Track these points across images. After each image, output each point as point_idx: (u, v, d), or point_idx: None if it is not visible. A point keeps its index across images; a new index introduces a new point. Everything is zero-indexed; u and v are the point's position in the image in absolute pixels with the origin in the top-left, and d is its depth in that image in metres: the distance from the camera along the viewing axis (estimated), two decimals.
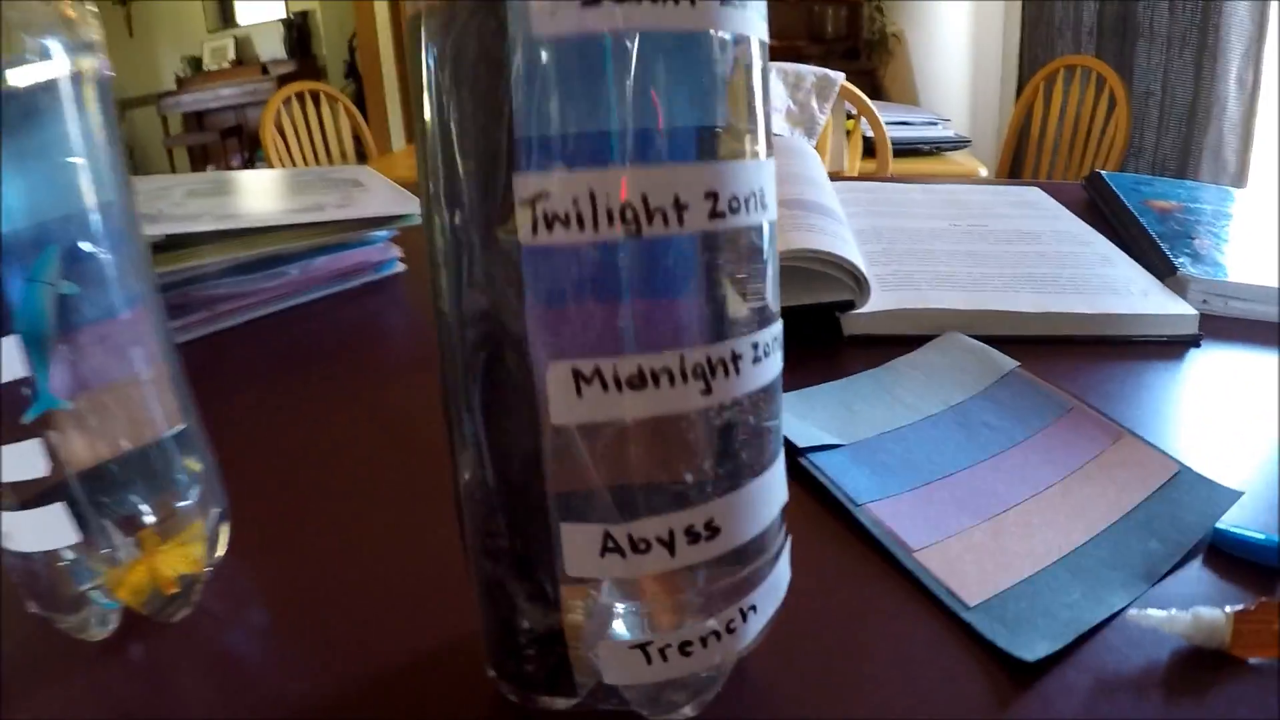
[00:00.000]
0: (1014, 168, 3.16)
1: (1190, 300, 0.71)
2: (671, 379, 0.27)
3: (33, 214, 0.34)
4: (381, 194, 0.91)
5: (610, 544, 0.29)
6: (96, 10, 0.35)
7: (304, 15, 8.38)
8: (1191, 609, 0.37)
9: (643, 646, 0.30)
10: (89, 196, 0.36)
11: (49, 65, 0.34)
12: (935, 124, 2.55)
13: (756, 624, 0.33)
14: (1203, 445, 0.53)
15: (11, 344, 0.34)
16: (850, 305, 0.64)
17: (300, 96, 3.47)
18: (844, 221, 0.72)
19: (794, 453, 0.50)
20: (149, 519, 0.40)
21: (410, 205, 0.86)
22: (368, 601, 0.43)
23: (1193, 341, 0.67)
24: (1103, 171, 1.04)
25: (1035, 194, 1.02)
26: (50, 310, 0.35)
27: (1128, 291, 0.70)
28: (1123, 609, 0.40)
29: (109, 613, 0.40)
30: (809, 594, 0.40)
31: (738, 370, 0.29)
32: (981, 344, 0.62)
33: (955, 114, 3.70)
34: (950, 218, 0.90)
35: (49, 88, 0.34)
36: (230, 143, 8.06)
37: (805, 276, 0.62)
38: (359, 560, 0.46)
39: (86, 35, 0.35)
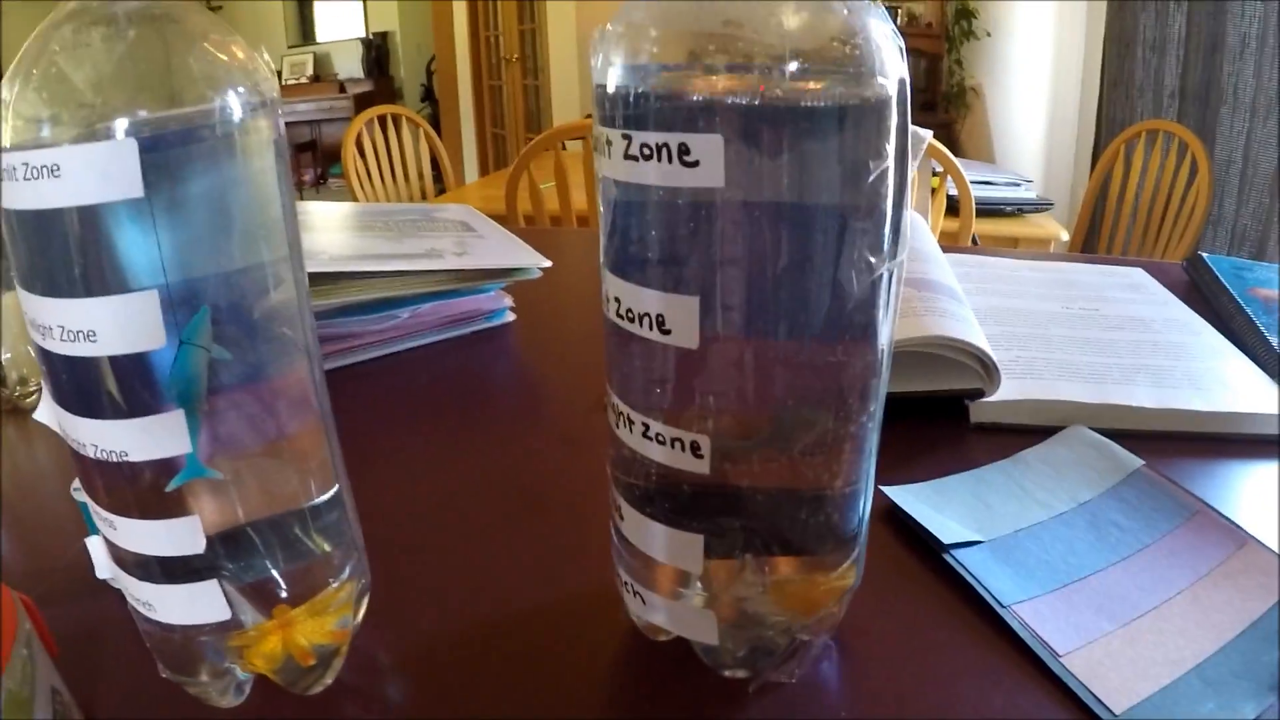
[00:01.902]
0: (1091, 231, 3.14)
1: None
2: None
3: (187, 269, 0.35)
4: (497, 242, 0.93)
5: None
6: (274, 66, 0.37)
7: (383, 35, 8.51)
8: None
9: None
10: (252, 254, 0.37)
11: (223, 117, 0.35)
12: (1018, 185, 2.55)
13: None
14: None
15: (176, 419, 0.35)
16: (979, 393, 0.66)
17: (382, 119, 3.53)
18: (965, 303, 0.74)
19: (938, 548, 0.51)
20: (286, 588, 0.41)
21: (529, 258, 0.88)
22: (506, 666, 0.45)
23: None
24: (1205, 255, 1.05)
25: (1140, 276, 1.03)
26: (201, 374, 0.35)
27: (1240, 388, 0.72)
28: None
29: (242, 681, 0.41)
30: (961, 696, 0.42)
31: None
32: (1105, 440, 0.63)
33: (1031, 172, 3.69)
34: (1062, 300, 0.91)
35: (223, 140, 0.35)
36: (304, 157, 8.18)
37: (936, 363, 0.64)
38: (492, 620, 0.48)
39: (265, 91, 0.36)
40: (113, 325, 0.33)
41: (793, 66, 0.31)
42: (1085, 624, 0.47)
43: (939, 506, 0.56)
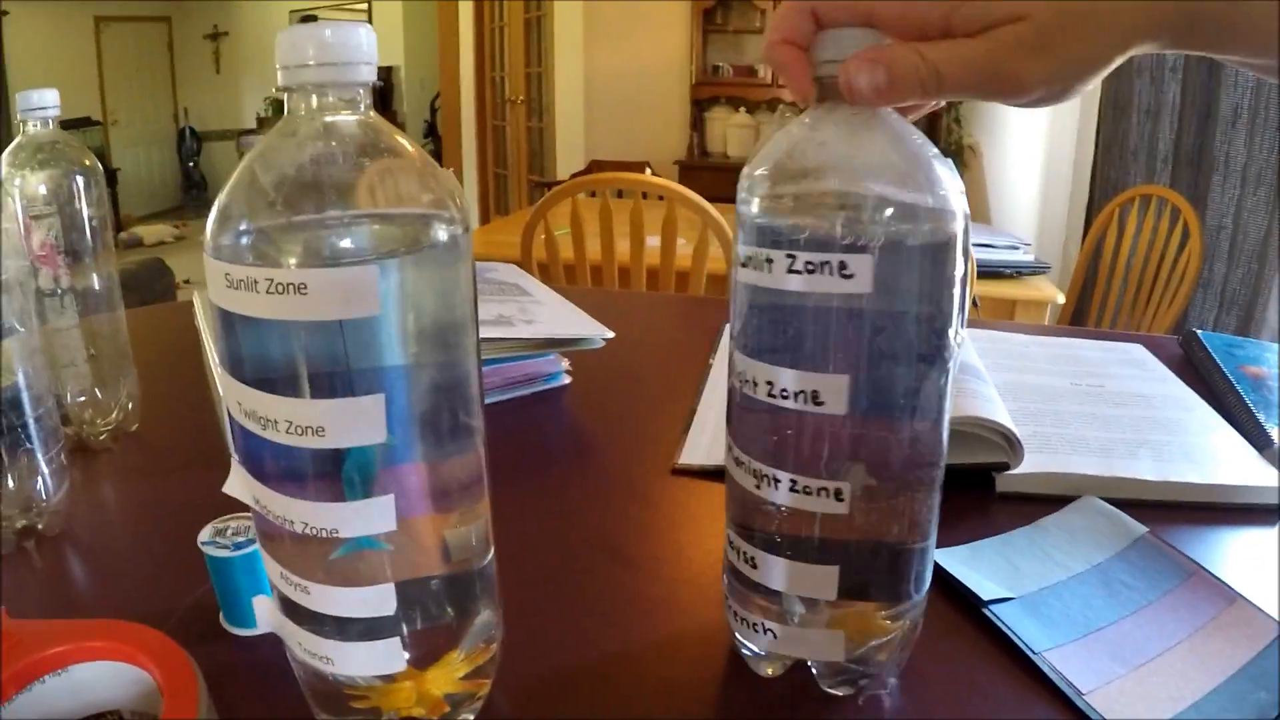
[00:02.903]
0: (1084, 293, 3.24)
1: None
2: None
3: (398, 343, 0.40)
4: (559, 311, 1.00)
5: None
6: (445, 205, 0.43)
7: (388, 70, 8.58)
8: None
9: None
10: (449, 352, 0.43)
11: (439, 239, 0.41)
12: (1017, 248, 2.64)
13: None
14: None
15: (385, 501, 0.41)
16: (1005, 466, 0.75)
17: None
18: (989, 381, 0.84)
19: (978, 604, 0.61)
20: (448, 640, 0.47)
21: (594, 329, 0.95)
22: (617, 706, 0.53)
23: None
24: (1200, 332, 1.15)
25: (1140, 352, 1.13)
26: (376, 457, 0.40)
27: (1231, 462, 0.82)
28: None
29: None
30: None
31: None
32: (1113, 509, 0.73)
33: (1025, 231, 3.78)
34: (1069, 376, 1.02)
35: (438, 259, 0.42)
36: None
37: (968, 439, 0.74)
38: (597, 667, 0.56)
39: (465, 216, 0.42)
40: (341, 424, 0.38)
41: (892, 213, 0.44)
42: (1103, 668, 0.56)
43: (975, 567, 0.65)
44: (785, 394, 0.46)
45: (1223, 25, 0.45)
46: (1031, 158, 4.02)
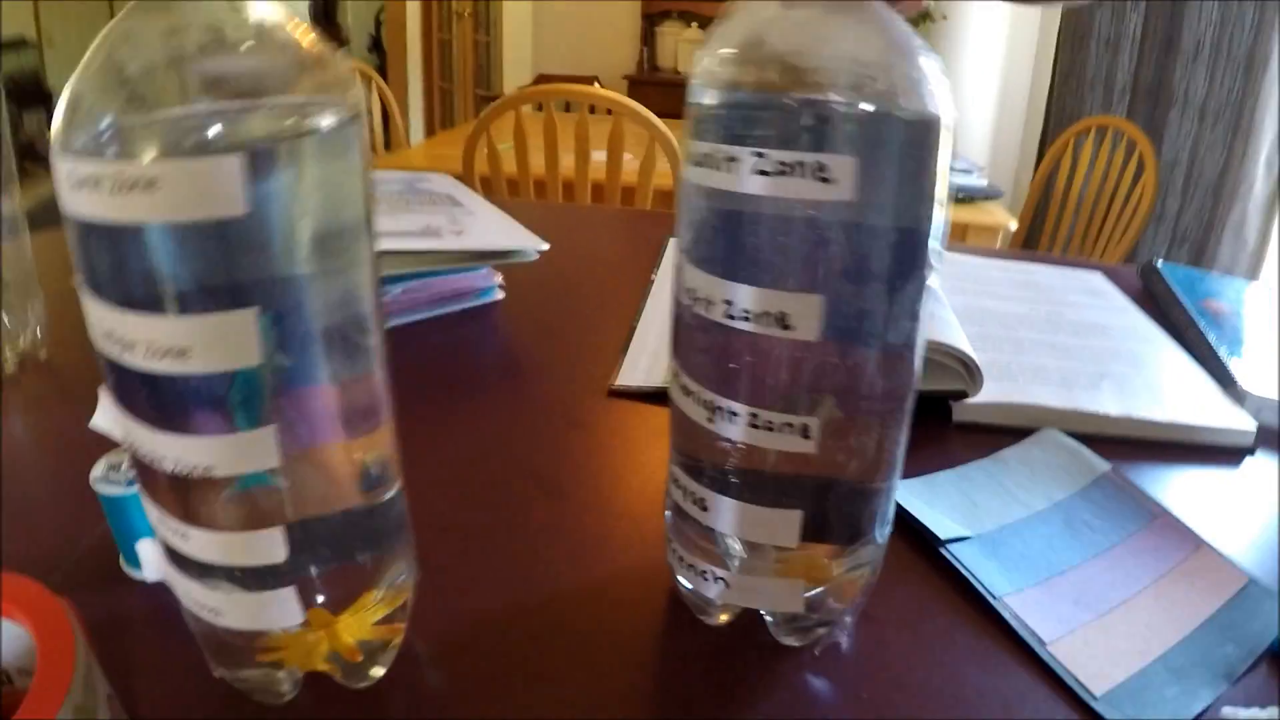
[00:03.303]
0: (1034, 222, 3.22)
1: (1246, 409, 0.78)
2: None
3: (271, 249, 0.34)
4: (492, 221, 0.94)
5: None
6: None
7: None
8: (1267, 708, 0.45)
9: None
10: (334, 260, 0.37)
11: (319, 127, 0.35)
12: (970, 171, 2.61)
13: None
14: (1258, 553, 0.61)
15: (267, 434, 0.35)
16: (963, 394, 0.71)
17: None
18: (947, 304, 0.79)
19: (934, 542, 0.57)
20: (347, 584, 0.42)
21: (526, 240, 0.89)
22: (550, 652, 0.49)
23: (1248, 450, 0.74)
24: (1161, 264, 1.11)
25: (1099, 280, 1.10)
26: (265, 383, 0.35)
27: (1194, 401, 0.78)
28: (1211, 704, 0.47)
29: (295, 675, 0.42)
30: (962, 678, 0.47)
31: None
32: (1076, 443, 0.69)
33: (978, 159, 3.76)
34: (1029, 301, 0.97)
35: (320, 148, 0.35)
36: None
37: (925, 365, 0.69)
38: (530, 607, 0.51)
39: (355, 102, 0.36)
40: (207, 344, 0.33)
41: (874, 109, 0.37)
42: (1066, 614, 0.52)
43: (931, 502, 0.61)
44: (747, 315, 0.39)
45: None
46: (987, 84, 3.99)
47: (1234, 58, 2.84)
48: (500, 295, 0.94)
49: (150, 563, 0.48)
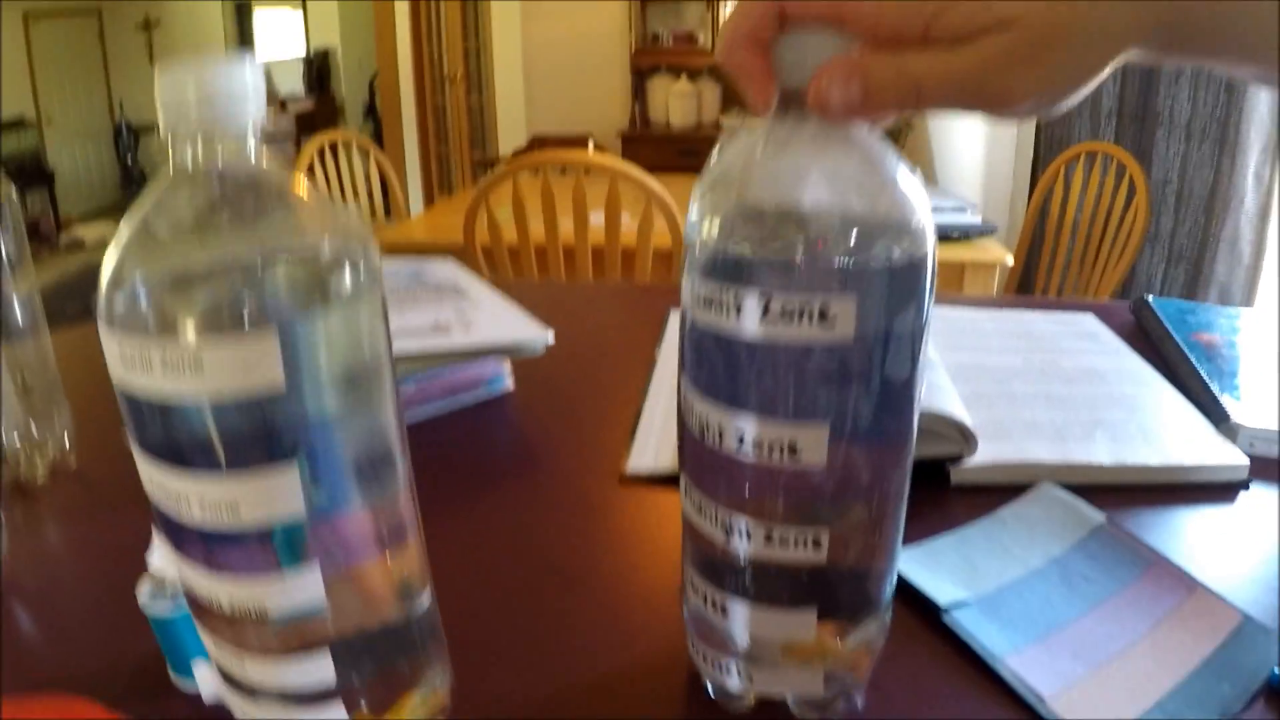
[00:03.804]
0: (1032, 251, 3.25)
1: (1239, 444, 0.81)
2: None
3: (307, 405, 0.37)
4: (498, 312, 0.96)
5: None
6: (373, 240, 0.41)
7: (324, 53, 8.48)
8: None
9: None
10: (360, 401, 0.40)
11: (333, 268, 0.38)
12: (963, 209, 2.63)
13: None
14: (1256, 588, 0.64)
15: (313, 575, 0.39)
16: (959, 458, 0.74)
17: (334, 146, 3.56)
18: (941, 368, 0.82)
19: (936, 609, 0.59)
20: (387, 689, 0.45)
21: (534, 333, 0.92)
22: None
23: (1243, 485, 0.77)
24: (1151, 299, 1.14)
25: (1092, 323, 1.13)
26: (306, 521, 0.38)
27: (1187, 440, 0.81)
28: None
29: None
30: None
31: None
32: (1071, 496, 0.72)
33: (971, 190, 3.79)
34: (1022, 352, 1.00)
35: (342, 309, 0.38)
36: None
37: (921, 432, 0.72)
38: (553, 701, 0.54)
39: (375, 262, 0.40)
40: (254, 498, 0.36)
41: (870, 243, 0.41)
42: (1064, 669, 0.55)
43: (932, 569, 0.63)
44: (758, 446, 0.43)
45: (1214, 28, 0.42)
46: (975, 120, 4.00)
47: (1215, 77, 2.87)
48: (510, 384, 0.97)
49: (207, 684, 0.51)
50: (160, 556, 0.47)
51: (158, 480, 0.38)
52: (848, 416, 0.42)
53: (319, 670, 0.41)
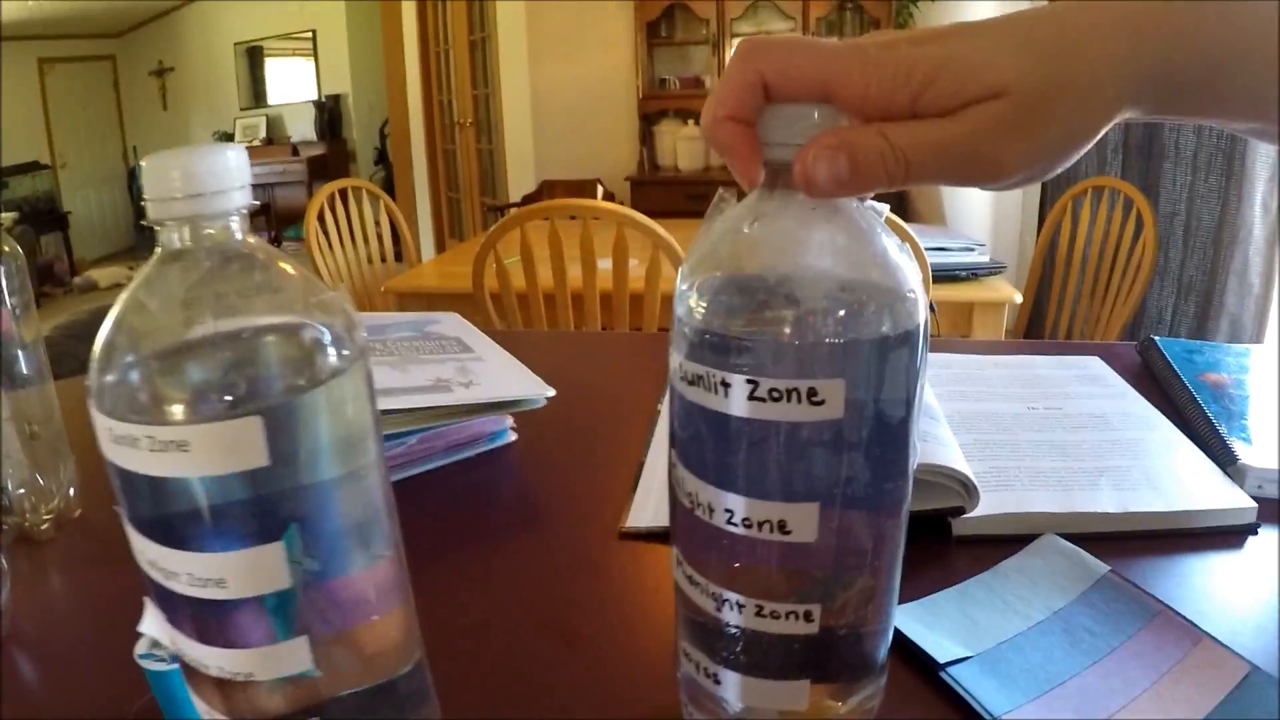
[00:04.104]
0: (1041, 287, 3.24)
1: (1248, 487, 0.80)
2: None
3: (292, 480, 0.38)
4: (500, 369, 0.96)
5: None
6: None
7: (336, 99, 8.54)
8: None
9: None
10: (346, 466, 0.40)
11: (329, 372, 0.39)
12: (971, 249, 2.63)
13: None
14: (1264, 637, 0.63)
15: (300, 644, 0.39)
16: (960, 510, 0.73)
17: (343, 191, 3.59)
18: (942, 419, 0.82)
19: (934, 667, 0.59)
20: None
21: (535, 389, 0.92)
22: None
23: (1251, 529, 0.76)
24: (1158, 340, 1.13)
25: (1098, 366, 1.12)
26: (298, 586, 0.38)
27: (1193, 484, 0.80)
28: None
29: None
30: None
31: None
32: (1074, 548, 0.71)
33: (979, 229, 3.78)
34: (1026, 400, 1.00)
35: (332, 391, 0.39)
36: (258, 220, 8.17)
37: (922, 485, 0.71)
38: None
39: (359, 340, 0.40)
40: (242, 574, 0.37)
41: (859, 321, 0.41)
42: None
43: (931, 625, 0.63)
44: (748, 523, 0.43)
45: (1210, 85, 0.41)
46: None
47: None
48: (513, 437, 0.97)
49: None
50: (152, 622, 0.47)
51: (149, 555, 0.38)
52: (839, 490, 0.42)
53: None
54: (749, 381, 0.40)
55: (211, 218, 0.38)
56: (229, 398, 0.36)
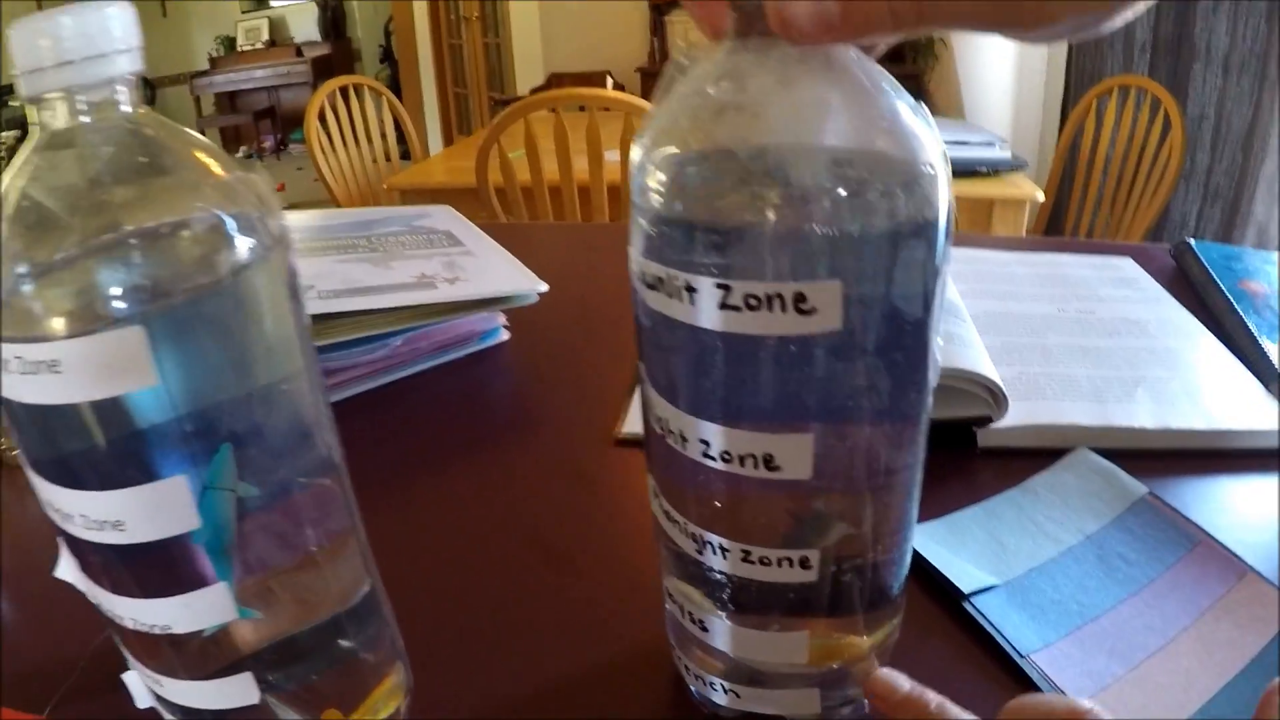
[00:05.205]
0: (1062, 187, 3.15)
1: None
2: None
3: (196, 400, 0.32)
4: (490, 261, 0.90)
5: None
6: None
7: None
8: None
9: None
10: (267, 377, 0.35)
11: (218, 241, 0.32)
12: (992, 144, 2.53)
13: None
14: None
15: (220, 591, 0.34)
16: (987, 419, 0.67)
17: (344, 89, 3.49)
18: (968, 319, 0.75)
19: (958, 596, 0.53)
20: (331, 693, 0.40)
21: (526, 283, 0.85)
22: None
23: None
24: (1194, 243, 1.06)
25: (1131, 268, 1.05)
26: (230, 518, 0.33)
27: (1236, 403, 0.74)
28: None
29: None
30: None
31: None
32: (1110, 466, 0.65)
33: (1000, 125, 3.69)
34: (1056, 301, 0.93)
35: (232, 286, 0.33)
36: (263, 124, 8.06)
37: (946, 391, 0.65)
38: (534, 695, 0.49)
39: (274, 228, 0.34)
40: (140, 515, 0.32)
41: (860, 202, 0.32)
42: (1098, 668, 0.49)
43: (955, 548, 0.57)
44: (727, 457, 0.35)
45: None
46: (1004, 48, 3.89)
47: (1255, 7, 2.76)
48: (505, 336, 0.90)
49: (139, 693, 0.45)
50: (67, 568, 0.42)
51: (44, 495, 0.33)
52: (838, 418, 0.35)
53: (241, 692, 0.36)
54: (719, 286, 0.32)
55: (89, 88, 0.31)
56: (108, 305, 0.30)
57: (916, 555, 0.56)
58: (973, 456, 0.68)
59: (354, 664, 0.41)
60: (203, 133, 0.34)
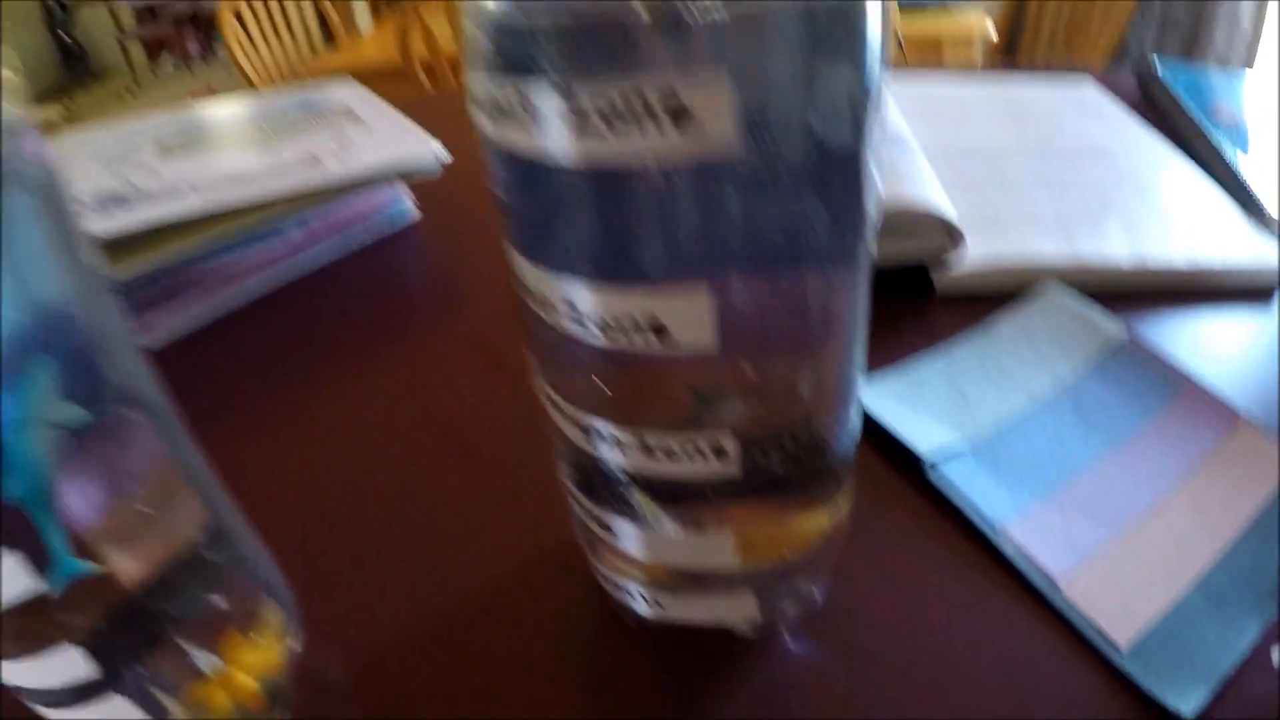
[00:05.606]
0: (1015, 21, 3.05)
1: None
2: None
3: None
4: (384, 132, 0.80)
5: None
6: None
7: None
8: None
9: None
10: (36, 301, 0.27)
11: None
12: None
13: None
14: None
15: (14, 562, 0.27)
16: (942, 259, 0.59)
17: None
18: (916, 149, 0.67)
19: (919, 462, 0.46)
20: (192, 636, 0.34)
21: (423, 149, 0.75)
22: (467, 661, 0.40)
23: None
24: (1158, 67, 0.98)
25: (1091, 92, 0.96)
26: (51, 453, 0.27)
27: (1216, 236, 0.66)
28: (1258, 637, 0.38)
29: None
30: (956, 639, 0.38)
31: None
32: (1083, 304, 0.58)
33: None
34: (1014, 131, 0.84)
35: None
36: (185, 31, 7.73)
37: (894, 229, 0.58)
38: (444, 609, 0.42)
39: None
40: None
41: None
42: (1080, 536, 0.43)
43: (914, 405, 0.50)
44: (604, 325, 0.27)
45: None
46: None
47: None
48: (416, 215, 0.81)
49: None
50: None
51: None
52: (746, 268, 0.26)
53: (74, 667, 0.30)
54: (563, 97, 0.23)
55: None
56: None
57: (867, 418, 0.49)
58: (929, 302, 0.61)
59: (213, 619, 0.34)
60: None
